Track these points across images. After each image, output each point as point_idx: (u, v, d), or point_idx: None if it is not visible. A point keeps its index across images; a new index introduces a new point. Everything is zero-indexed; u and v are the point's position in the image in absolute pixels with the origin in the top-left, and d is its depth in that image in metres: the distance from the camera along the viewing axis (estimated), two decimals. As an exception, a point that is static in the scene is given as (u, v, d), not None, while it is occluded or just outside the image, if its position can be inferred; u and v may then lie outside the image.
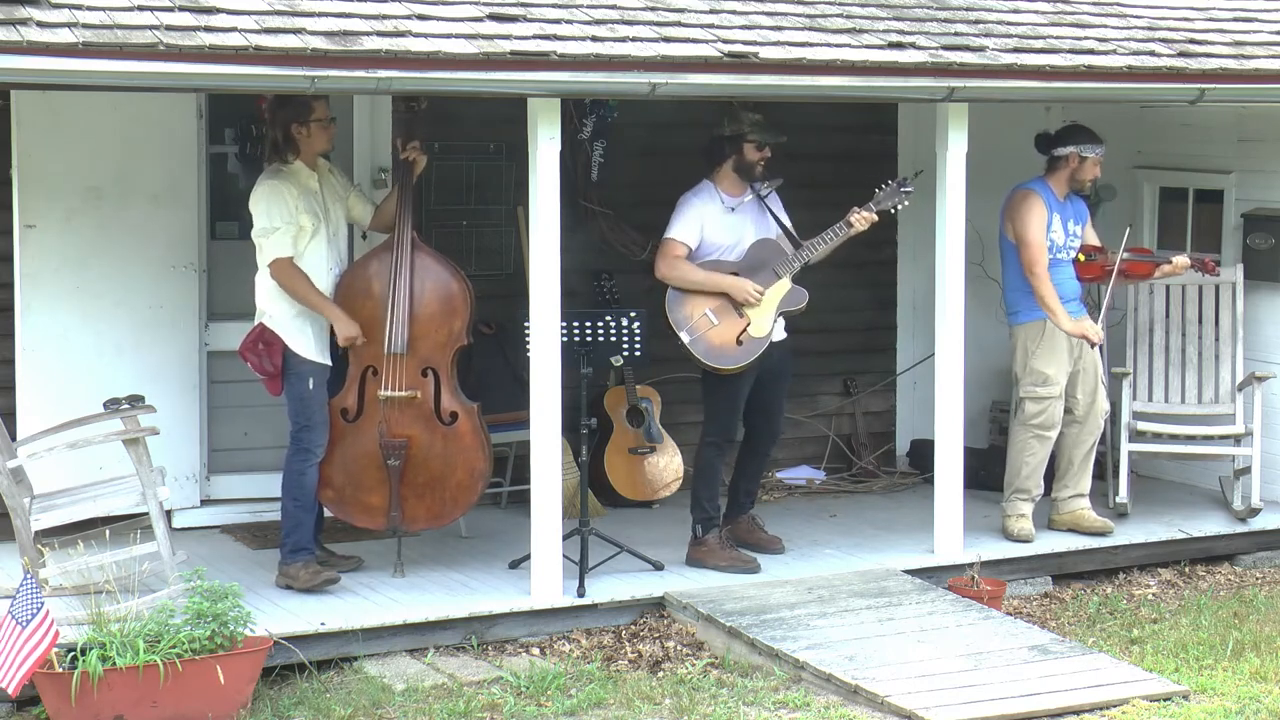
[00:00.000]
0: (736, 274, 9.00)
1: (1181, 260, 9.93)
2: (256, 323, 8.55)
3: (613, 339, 8.78)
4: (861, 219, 9.02)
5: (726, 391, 9.08)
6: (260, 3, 7.68)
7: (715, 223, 9.04)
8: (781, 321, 9.11)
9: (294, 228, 8.40)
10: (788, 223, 9.22)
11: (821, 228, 9.20)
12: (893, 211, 9.26)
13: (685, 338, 8.88)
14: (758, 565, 9.07)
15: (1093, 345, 9.68)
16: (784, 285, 9.06)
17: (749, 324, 8.95)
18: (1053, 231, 9.66)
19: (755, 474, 9.47)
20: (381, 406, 8.59)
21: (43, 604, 7.02)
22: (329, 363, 8.59)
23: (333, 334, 8.59)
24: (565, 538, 8.53)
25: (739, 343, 8.94)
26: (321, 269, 8.51)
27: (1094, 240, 9.89)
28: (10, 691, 7.07)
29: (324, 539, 8.97)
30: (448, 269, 8.67)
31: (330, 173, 8.72)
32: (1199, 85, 9.24)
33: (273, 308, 8.49)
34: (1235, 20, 10.05)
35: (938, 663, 7.76)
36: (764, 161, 9.07)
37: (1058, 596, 9.32)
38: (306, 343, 8.50)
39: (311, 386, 8.50)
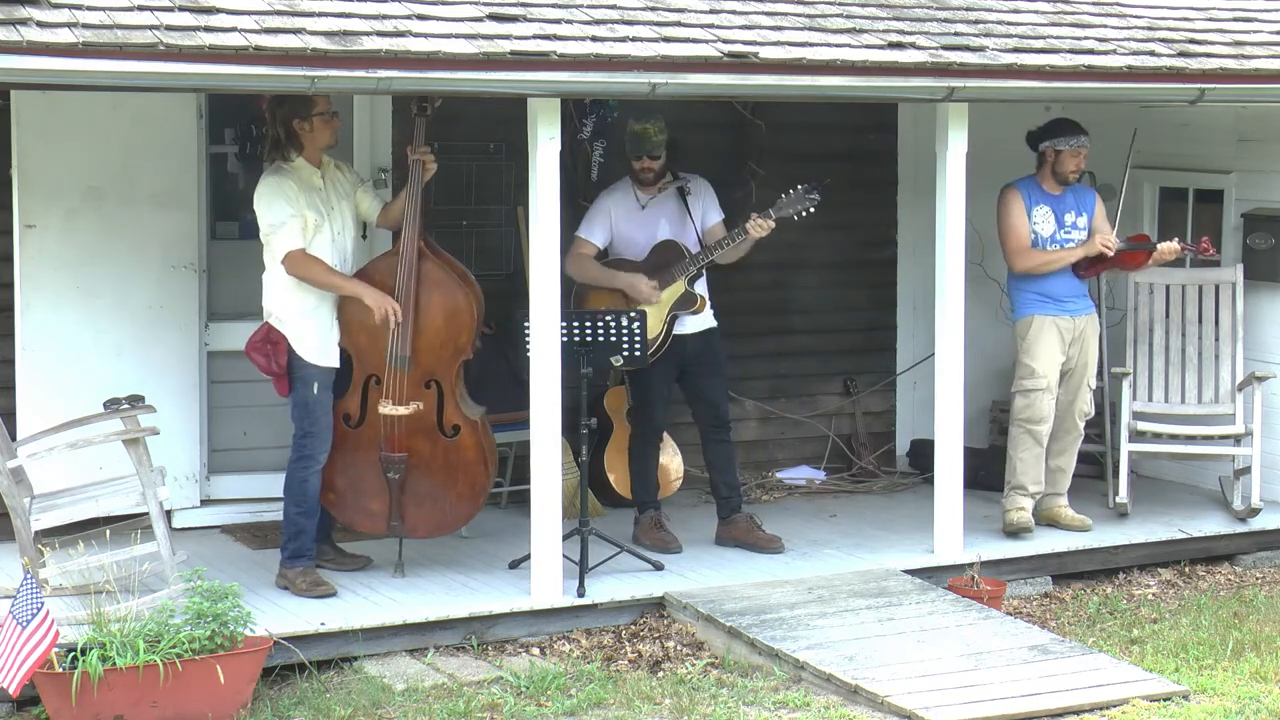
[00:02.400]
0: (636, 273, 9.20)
1: (1169, 246, 9.90)
2: (263, 322, 8.53)
3: (613, 339, 8.79)
4: (757, 226, 9.08)
5: (643, 385, 9.35)
6: (260, 3, 7.68)
7: (626, 219, 9.26)
8: (708, 312, 9.28)
9: (299, 219, 8.36)
10: (713, 222, 9.32)
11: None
12: (796, 218, 9.16)
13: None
14: (678, 548, 9.25)
15: (1110, 254, 9.72)
16: (678, 288, 9.19)
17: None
18: (1037, 225, 9.69)
19: (725, 465, 9.50)
20: (384, 422, 8.57)
21: (43, 604, 7.02)
22: (334, 365, 8.56)
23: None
24: (565, 538, 8.52)
25: None
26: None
27: (1105, 230, 9.89)
28: (11, 691, 7.07)
29: (333, 536, 8.99)
30: (455, 280, 8.60)
31: (337, 169, 8.67)
32: (1199, 85, 9.24)
33: (280, 307, 8.45)
34: (1235, 20, 10.04)
35: (938, 663, 7.77)
36: (648, 171, 9.25)
37: (1058, 596, 9.33)
38: (310, 345, 8.46)
39: (316, 391, 8.45)
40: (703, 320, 9.32)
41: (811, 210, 9.14)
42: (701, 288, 9.31)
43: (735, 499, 9.52)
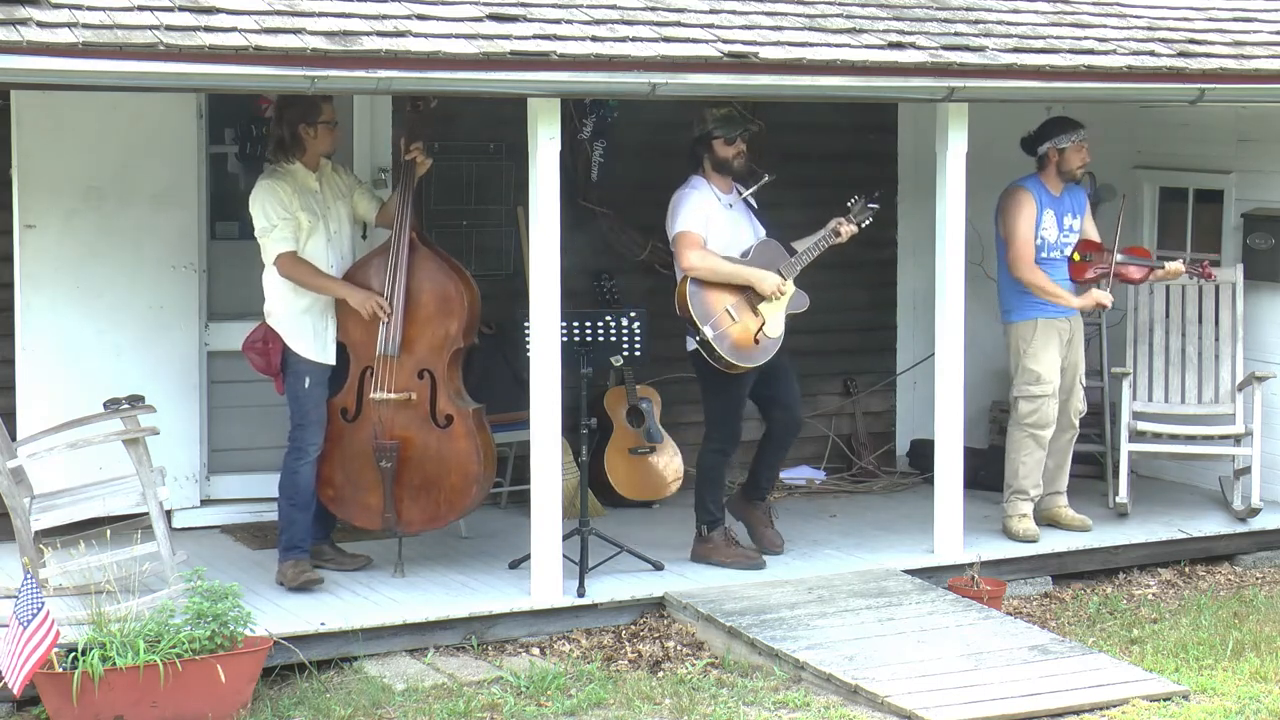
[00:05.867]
0: None
1: (1175, 267, 9.93)
2: (261, 321, 8.60)
3: (613, 339, 8.78)
4: (848, 230, 9.15)
5: (731, 395, 9.08)
6: (260, 3, 7.68)
7: (716, 217, 9.02)
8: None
9: (292, 223, 8.43)
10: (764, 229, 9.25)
11: (821, 226, 9.21)
12: (859, 228, 9.28)
13: (709, 332, 8.82)
14: (763, 562, 9.11)
15: (1106, 309, 9.84)
16: (789, 287, 9.07)
17: (764, 323, 8.95)
18: (1044, 229, 9.68)
19: (775, 463, 9.47)
20: (375, 408, 8.59)
21: (43, 604, 7.02)
22: (330, 362, 8.61)
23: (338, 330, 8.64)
24: (565, 538, 8.53)
25: (756, 341, 8.94)
26: (321, 266, 8.54)
27: (1093, 233, 9.90)
28: (14, 691, 7.07)
29: (334, 537, 9.02)
30: (445, 270, 8.66)
31: (335, 171, 8.74)
32: (1199, 85, 9.24)
33: (277, 307, 8.54)
34: (1235, 20, 10.05)
35: (938, 663, 7.77)
36: (741, 155, 9.07)
37: (1058, 596, 9.33)
38: (305, 342, 8.53)
39: (307, 385, 8.52)
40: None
41: (870, 221, 9.27)
42: None
43: (767, 488, 9.47)
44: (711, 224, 8.98)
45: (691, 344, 8.96)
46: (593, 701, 7.58)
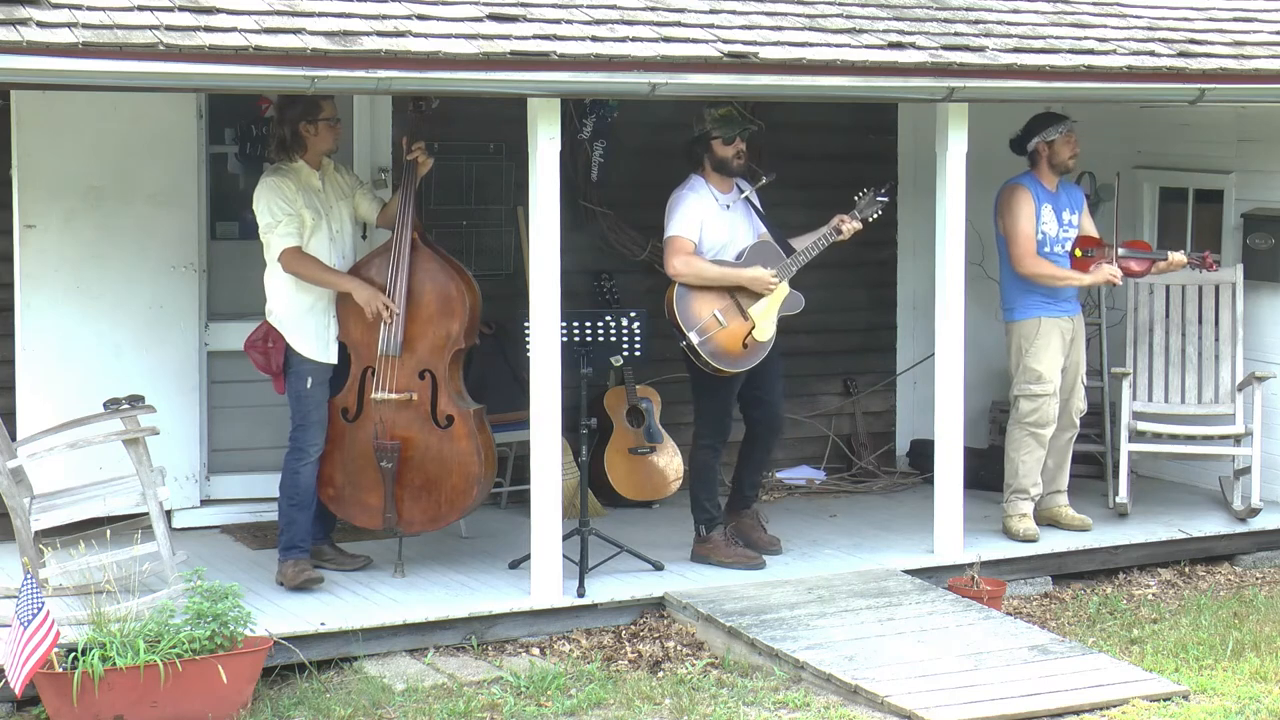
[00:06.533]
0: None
1: (1178, 257, 9.94)
2: (263, 320, 8.59)
3: (613, 339, 8.78)
4: (850, 227, 9.11)
5: (720, 394, 9.10)
6: (260, 3, 7.68)
7: (712, 219, 9.01)
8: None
9: (296, 219, 8.44)
10: (765, 228, 9.22)
11: (819, 227, 9.21)
12: (868, 221, 9.27)
13: (695, 338, 8.83)
14: (763, 562, 9.10)
15: (1116, 285, 9.87)
16: (783, 289, 9.06)
17: (753, 327, 8.93)
18: (1044, 224, 9.69)
19: (759, 465, 9.45)
20: (376, 408, 8.60)
21: (43, 604, 7.02)
22: (332, 361, 8.61)
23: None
24: (565, 538, 8.53)
25: (744, 346, 8.93)
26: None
27: (1091, 229, 9.91)
28: (15, 691, 7.07)
29: (334, 537, 9.02)
30: (447, 271, 8.67)
31: (336, 171, 8.75)
32: (1199, 85, 9.24)
33: (279, 305, 8.53)
34: (1235, 20, 10.05)
35: (938, 663, 7.77)
36: (741, 155, 9.06)
37: (1058, 596, 9.33)
38: (308, 342, 8.53)
39: (309, 385, 8.53)
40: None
41: (879, 213, 9.26)
42: None
43: (751, 497, 9.47)
44: (707, 226, 8.97)
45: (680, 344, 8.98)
46: (593, 701, 7.59)
